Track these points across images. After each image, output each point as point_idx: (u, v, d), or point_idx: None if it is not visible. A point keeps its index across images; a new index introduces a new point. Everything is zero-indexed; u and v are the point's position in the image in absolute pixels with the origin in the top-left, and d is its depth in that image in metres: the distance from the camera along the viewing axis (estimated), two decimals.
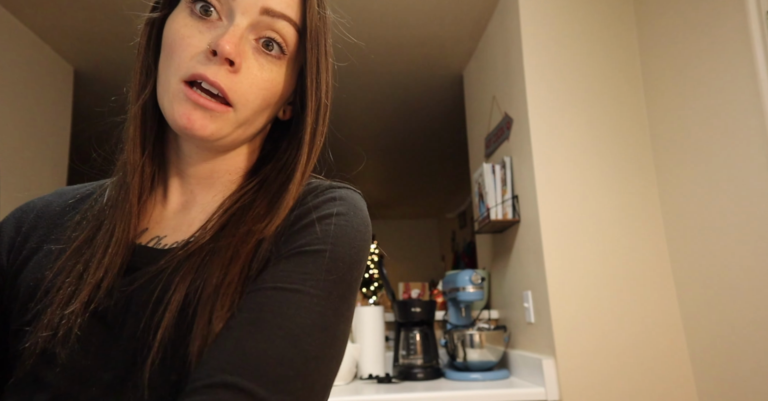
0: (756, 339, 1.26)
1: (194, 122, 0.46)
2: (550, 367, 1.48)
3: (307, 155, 0.52)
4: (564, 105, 1.69)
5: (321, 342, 0.41)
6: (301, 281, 0.42)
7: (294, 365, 0.38)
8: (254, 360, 0.37)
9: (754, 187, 1.26)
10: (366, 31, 2.25)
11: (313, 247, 0.44)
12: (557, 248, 1.57)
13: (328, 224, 0.46)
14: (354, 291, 0.46)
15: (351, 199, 0.50)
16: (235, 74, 0.46)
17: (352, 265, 0.46)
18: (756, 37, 1.23)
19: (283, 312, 0.40)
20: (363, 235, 0.48)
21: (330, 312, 0.42)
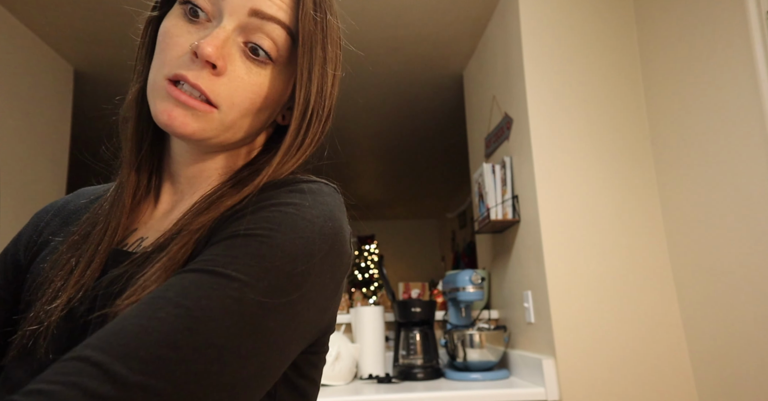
0: (756, 339, 1.26)
1: (174, 119, 0.45)
2: (550, 367, 1.48)
3: (281, 157, 0.49)
4: (564, 105, 1.69)
5: (229, 332, 0.34)
6: (224, 264, 0.37)
7: (180, 348, 0.32)
8: (129, 336, 0.32)
9: (754, 186, 1.26)
10: (366, 31, 2.25)
11: (249, 231, 0.39)
12: (557, 248, 1.57)
13: (275, 211, 0.41)
14: (297, 287, 0.39)
15: (316, 192, 0.46)
16: (219, 77, 0.45)
17: (296, 257, 0.39)
18: (756, 37, 1.23)
19: (189, 292, 0.35)
20: (318, 228, 0.41)
21: (252, 301, 0.36)
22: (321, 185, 0.48)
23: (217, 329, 0.34)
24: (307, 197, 0.44)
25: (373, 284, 5.81)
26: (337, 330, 1.95)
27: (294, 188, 0.45)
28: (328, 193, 0.47)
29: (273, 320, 0.37)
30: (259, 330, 0.36)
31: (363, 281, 5.85)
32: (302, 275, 0.39)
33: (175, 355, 0.32)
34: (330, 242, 0.42)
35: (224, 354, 0.34)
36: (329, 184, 0.49)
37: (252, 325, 0.36)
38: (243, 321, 0.35)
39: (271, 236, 0.39)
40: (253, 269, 0.37)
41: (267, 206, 0.42)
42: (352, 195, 1.50)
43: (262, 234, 0.39)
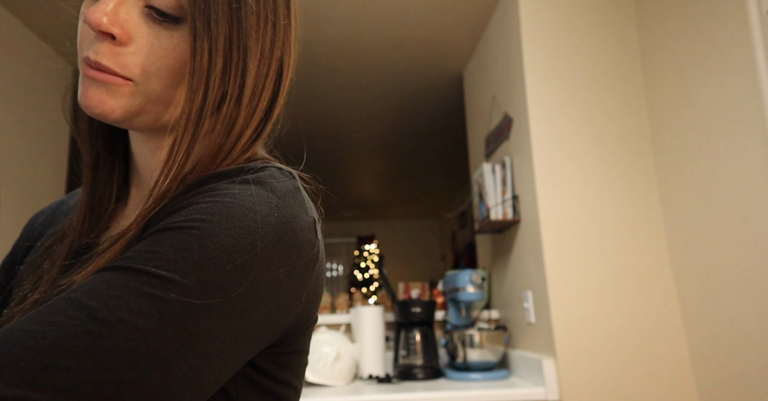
0: (756, 339, 1.26)
1: (90, 99, 0.41)
2: (550, 367, 1.48)
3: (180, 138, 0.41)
4: (564, 105, 1.69)
5: (144, 335, 0.30)
6: (144, 260, 0.32)
7: (76, 355, 0.28)
8: (12, 344, 0.28)
9: (754, 186, 1.26)
10: (366, 32, 2.25)
11: (176, 224, 0.34)
12: (557, 248, 1.57)
13: (209, 202, 0.36)
14: (237, 283, 0.33)
15: (263, 180, 0.39)
16: (124, 47, 0.40)
17: (231, 248, 0.34)
18: (756, 37, 1.23)
19: (99, 291, 0.31)
20: (261, 216, 0.36)
21: (175, 300, 0.31)
22: (272, 171, 0.41)
23: (128, 332, 0.29)
24: (251, 186, 0.38)
25: (373, 284, 5.81)
26: (337, 330, 1.95)
27: (237, 179, 0.39)
28: (280, 179, 0.41)
29: (206, 320, 0.32)
30: (185, 333, 0.31)
31: (363, 281, 5.85)
32: (242, 268, 0.34)
33: (68, 363, 0.28)
34: (278, 232, 0.36)
35: (138, 361, 0.29)
36: (283, 168, 0.43)
37: (176, 327, 0.31)
38: (164, 323, 0.30)
39: (201, 227, 0.34)
40: (178, 264, 0.32)
41: (202, 198, 0.37)
42: (353, 195, 1.50)
43: (190, 226, 0.34)
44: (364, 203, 5.82)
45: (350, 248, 6.52)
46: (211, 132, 0.43)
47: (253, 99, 0.45)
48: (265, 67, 0.45)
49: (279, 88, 0.47)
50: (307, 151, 2.34)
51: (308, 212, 0.41)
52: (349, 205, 5.89)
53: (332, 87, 2.80)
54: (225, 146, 0.43)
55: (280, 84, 0.47)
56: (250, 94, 0.44)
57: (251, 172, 0.40)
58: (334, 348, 1.70)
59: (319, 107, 3.08)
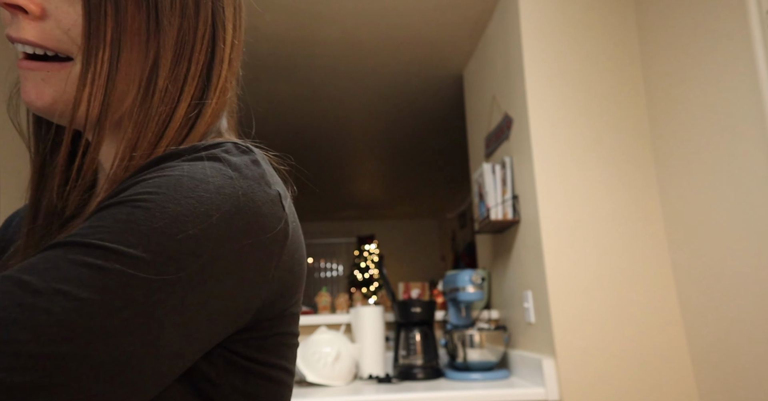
0: (757, 339, 1.26)
1: (29, 93, 0.38)
2: (550, 367, 1.48)
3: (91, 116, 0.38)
4: (564, 105, 1.69)
5: (80, 305, 0.27)
6: (85, 234, 0.30)
7: (5, 328, 0.26)
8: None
9: (754, 186, 1.26)
10: (366, 31, 2.25)
11: (122, 199, 0.32)
12: (557, 248, 1.57)
13: (157, 178, 0.33)
14: (192, 253, 0.31)
15: (218, 155, 0.36)
16: (42, 21, 0.37)
17: (182, 217, 0.31)
18: (756, 37, 1.23)
19: (35, 266, 0.28)
20: (215, 187, 0.33)
21: (120, 270, 0.28)
22: (227, 146, 0.38)
23: (66, 302, 0.27)
24: (203, 161, 0.35)
25: (373, 284, 5.81)
26: (337, 330, 1.95)
27: (190, 156, 0.36)
28: (235, 153, 0.37)
29: (159, 292, 0.29)
30: (135, 304, 0.28)
31: (363, 281, 5.85)
32: (195, 239, 0.31)
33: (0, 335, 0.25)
34: (234, 202, 0.33)
35: (80, 333, 0.27)
36: (240, 143, 0.39)
37: (124, 299, 0.28)
38: (109, 294, 0.28)
39: (147, 199, 0.31)
40: (123, 235, 0.29)
41: (149, 175, 0.34)
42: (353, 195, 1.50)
43: (135, 199, 0.31)
44: (364, 203, 5.82)
45: (350, 248, 6.52)
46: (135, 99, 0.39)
47: (181, 62, 0.41)
48: (189, 26, 0.41)
49: (215, 50, 0.43)
50: (307, 151, 2.39)
51: (271, 185, 0.38)
52: (349, 205, 5.89)
53: (332, 87, 2.80)
54: (157, 117, 0.39)
55: (215, 46, 0.43)
56: (171, 55, 0.40)
57: (203, 148, 0.37)
58: (334, 348, 1.70)
59: (319, 107, 3.08)
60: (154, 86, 0.39)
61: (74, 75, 0.38)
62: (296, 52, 2.42)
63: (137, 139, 0.39)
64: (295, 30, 2.23)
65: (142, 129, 0.39)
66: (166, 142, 0.39)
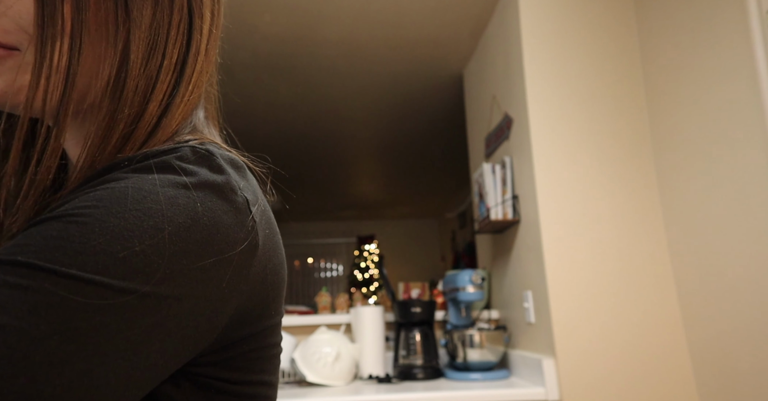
0: (757, 339, 1.26)
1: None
2: (550, 367, 1.48)
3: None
4: (564, 105, 1.69)
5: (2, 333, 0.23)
6: (10, 253, 0.26)
7: None
8: None
9: (754, 186, 1.26)
10: (366, 31, 2.25)
11: (56, 214, 0.28)
12: (557, 248, 1.57)
13: (100, 189, 0.29)
14: (137, 270, 0.27)
15: (172, 164, 0.32)
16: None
17: (126, 234, 0.27)
18: (756, 37, 1.23)
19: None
20: (167, 198, 0.30)
21: (50, 290, 0.25)
22: (183, 151, 0.33)
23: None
24: (152, 170, 0.31)
25: (373, 284, 5.81)
26: (337, 330, 1.95)
27: (138, 166, 0.31)
28: (191, 158, 0.33)
29: (101, 315, 0.26)
30: (69, 329, 0.25)
31: (363, 281, 5.85)
32: (144, 256, 0.27)
33: None
34: (190, 213, 0.30)
35: (4, 365, 0.23)
36: (197, 147, 0.34)
37: (55, 322, 0.24)
38: (36, 318, 0.24)
39: (84, 213, 0.27)
40: (54, 252, 0.26)
41: (91, 188, 0.30)
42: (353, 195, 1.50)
43: (72, 214, 0.27)
44: (364, 203, 5.82)
45: (350, 248, 6.52)
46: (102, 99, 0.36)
47: (153, 55, 0.37)
48: (162, 17, 0.38)
49: (191, 42, 0.40)
50: (307, 151, 2.40)
51: (237, 191, 0.33)
52: (349, 205, 5.89)
53: (332, 87, 2.80)
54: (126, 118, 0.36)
55: (192, 38, 0.40)
56: (144, 49, 0.37)
57: (154, 155, 0.32)
58: (334, 348, 1.70)
59: (319, 107, 3.08)
60: (123, 84, 0.36)
61: (24, 65, 0.34)
62: (296, 52, 2.42)
63: (101, 142, 0.35)
64: (295, 30, 2.23)
65: (108, 132, 0.35)
66: (132, 144, 0.36)
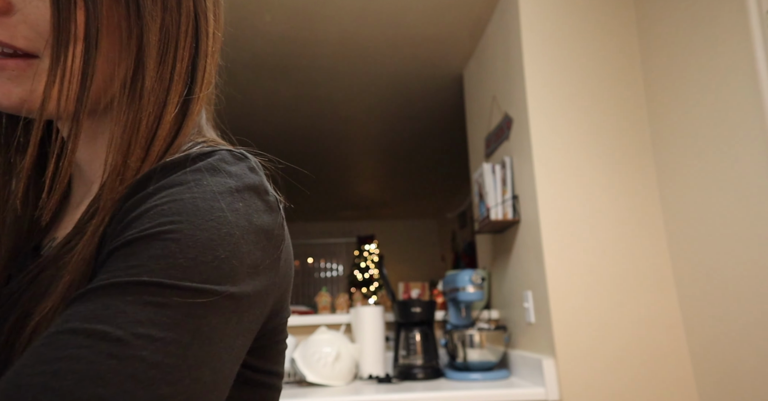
0: (757, 339, 1.26)
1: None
2: (550, 367, 1.48)
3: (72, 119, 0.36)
4: (564, 105, 1.69)
5: (167, 343, 0.28)
6: (130, 274, 0.29)
7: (112, 380, 0.25)
8: (32, 392, 0.25)
9: (754, 186, 1.26)
10: (366, 31, 2.25)
11: (146, 232, 0.31)
12: (557, 248, 1.57)
13: (169, 202, 0.33)
14: (229, 275, 0.32)
15: (214, 166, 0.36)
16: (7, 17, 0.35)
17: (212, 243, 0.31)
18: (756, 37, 1.23)
19: (98, 314, 0.27)
20: (226, 204, 0.34)
21: (180, 303, 0.29)
22: (222, 154, 0.37)
23: (149, 344, 0.27)
24: (204, 174, 0.35)
25: (373, 284, 5.81)
26: (337, 330, 1.95)
27: (188, 169, 0.35)
28: (232, 162, 0.37)
29: (214, 318, 0.30)
30: (202, 334, 0.29)
31: (363, 281, 5.85)
32: (227, 261, 0.32)
33: (106, 391, 0.25)
34: (245, 216, 0.34)
35: (170, 371, 0.27)
36: (234, 150, 0.39)
37: (192, 330, 0.29)
38: (177, 329, 0.28)
39: (173, 230, 0.31)
40: (170, 270, 0.30)
41: (160, 199, 0.33)
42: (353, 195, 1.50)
43: (161, 231, 0.31)
44: (364, 203, 5.82)
45: (350, 248, 6.52)
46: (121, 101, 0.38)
47: (166, 59, 0.39)
48: (172, 20, 0.39)
49: (198, 44, 0.42)
50: (307, 151, 2.40)
51: (269, 191, 0.38)
52: (349, 205, 5.89)
53: (332, 87, 2.80)
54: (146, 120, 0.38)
55: (199, 39, 0.42)
56: (156, 52, 0.38)
57: (200, 159, 0.36)
58: (334, 348, 1.70)
59: (319, 107, 3.08)
60: (141, 87, 0.38)
61: (41, 72, 0.36)
62: (296, 52, 2.42)
63: (128, 145, 0.37)
64: (295, 30, 2.23)
65: (133, 134, 0.37)
66: (158, 144, 0.38)
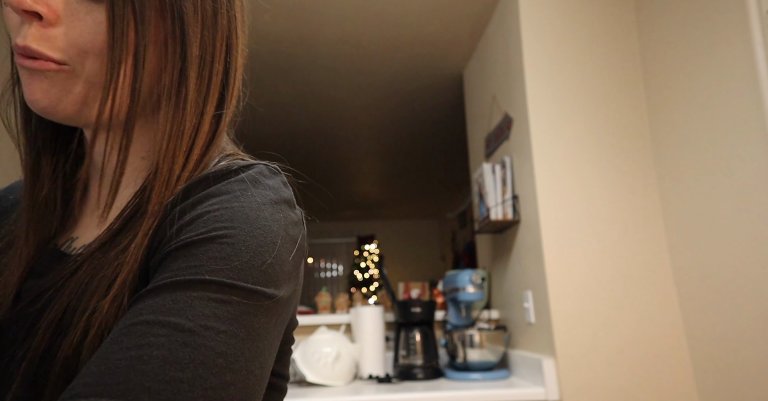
0: (757, 339, 1.26)
1: (34, 93, 0.38)
2: (550, 367, 1.48)
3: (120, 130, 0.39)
4: (564, 105, 1.69)
5: (230, 336, 0.32)
6: (194, 273, 0.33)
7: (188, 366, 0.29)
8: (122, 373, 0.28)
9: (754, 186, 1.26)
10: (366, 31, 2.25)
11: (203, 235, 0.35)
12: (557, 248, 1.57)
13: (221, 209, 0.37)
14: (272, 279, 0.36)
15: (256, 178, 0.40)
16: (54, 27, 0.37)
17: (260, 249, 0.36)
18: (756, 37, 1.23)
19: (168, 307, 0.31)
20: (269, 214, 0.38)
21: (237, 302, 0.33)
22: (260, 168, 0.42)
23: (216, 336, 0.31)
24: (248, 185, 0.39)
25: (373, 284, 5.80)
26: (337, 330, 1.95)
27: (233, 179, 0.40)
28: (269, 175, 0.42)
29: (262, 317, 0.34)
30: (254, 330, 0.33)
31: (363, 281, 5.85)
32: (273, 266, 0.36)
33: (184, 375, 0.29)
34: (283, 227, 0.39)
35: (232, 361, 0.31)
36: (269, 165, 0.44)
37: (247, 326, 0.33)
38: (238, 324, 0.32)
39: (227, 234, 0.35)
40: (226, 271, 0.34)
41: (211, 206, 0.37)
42: (353, 195, 1.50)
43: (217, 236, 0.35)
44: (364, 203, 5.82)
45: (350, 248, 6.52)
46: (166, 112, 0.41)
47: (203, 71, 0.42)
48: (209, 36, 0.42)
49: (230, 59, 0.44)
50: (307, 151, 2.40)
51: (295, 203, 0.42)
52: (349, 205, 5.89)
53: (332, 87, 2.80)
54: (184, 127, 0.41)
55: (231, 55, 0.44)
56: (197, 65, 0.41)
57: (242, 171, 0.40)
58: (334, 348, 1.70)
59: (319, 107, 3.08)
60: (185, 98, 0.41)
61: (74, 75, 0.38)
62: (296, 52, 2.42)
63: (173, 153, 0.41)
64: (295, 30, 2.23)
65: (177, 143, 0.41)
66: (196, 152, 0.42)
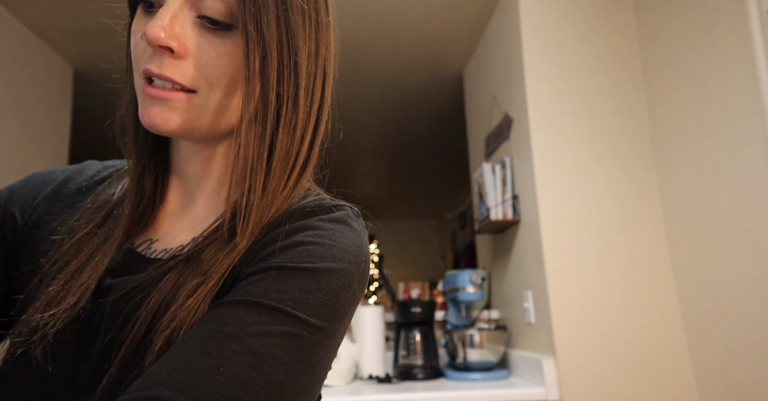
0: (757, 339, 1.26)
1: (154, 118, 0.42)
2: (550, 367, 1.48)
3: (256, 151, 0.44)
4: (564, 105, 1.69)
5: (288, 368, 0.36)
6: (278, 299, 0.37)
7: (250, 388, 0.33)
8: (202, 377, 0.33)
9: (754, 186, 1.25)
10: (366, 31, 2.25)
11: (295, 264, 0.40)
12: (557, 248, 1.57)
13: (313, 244, 0.41)
14: (339, 319, 0.40)
15: (345, 219, 0.46)
16: (183, 60, 0.42)
17: (338, 290, 0.40)
18: (756, 37, 1.23)
19: (250, 328, 0.35)
20: (352, 257, 0.42)
21: (305, 337, 0.37)
22: (348, 210, 0.47)
23: (279, 366, 0.35)
24: (339, 225, 0.44)
25: (373, 284, 5.80)
26: None
27: (324, 217, 0.45)
28: (354, 218, 0.47)
29: (321, 353, 0.38)
30: (310, 365, 0.37)
31: None
32: (343, 306, 0.40)
33: (246, 395, 0.33)
34: (361, 270, 0.43)
35: (285, 391, 0.35)
36: (354, 208, 0.49)
37: (306, 361, 0.37)
38: (299, 357, 0.36)
39: (316, 269, 0.40)
40: (305, 305, 0.38)
41: (305, 237, 0.42)
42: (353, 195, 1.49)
43: (307, 268, 0.39)
44: (364, 203, 5.80)
45: None
46: (275, 136, 0.45)
47: (307, 99, 0.47)
48: (313, 66, 0.47)
49: (325, 86, 0.49)
50: None
51: (368, 247, 0.47)
52: None
53: (332, 87, 2.80)
54: (291, 149, 0.46)
55: (326, 83, 0.49)
56: (304, 94, 0.46)
57: (333, 210, 0.46)
58: None
59: None
60: (294, 125, 0.46)
61: (199, 106, 0.43)
62: None
63: (273, 174, 0.45)
64: None
65: (285, 165, 0.46)
66: (293, 178, 0.47)
